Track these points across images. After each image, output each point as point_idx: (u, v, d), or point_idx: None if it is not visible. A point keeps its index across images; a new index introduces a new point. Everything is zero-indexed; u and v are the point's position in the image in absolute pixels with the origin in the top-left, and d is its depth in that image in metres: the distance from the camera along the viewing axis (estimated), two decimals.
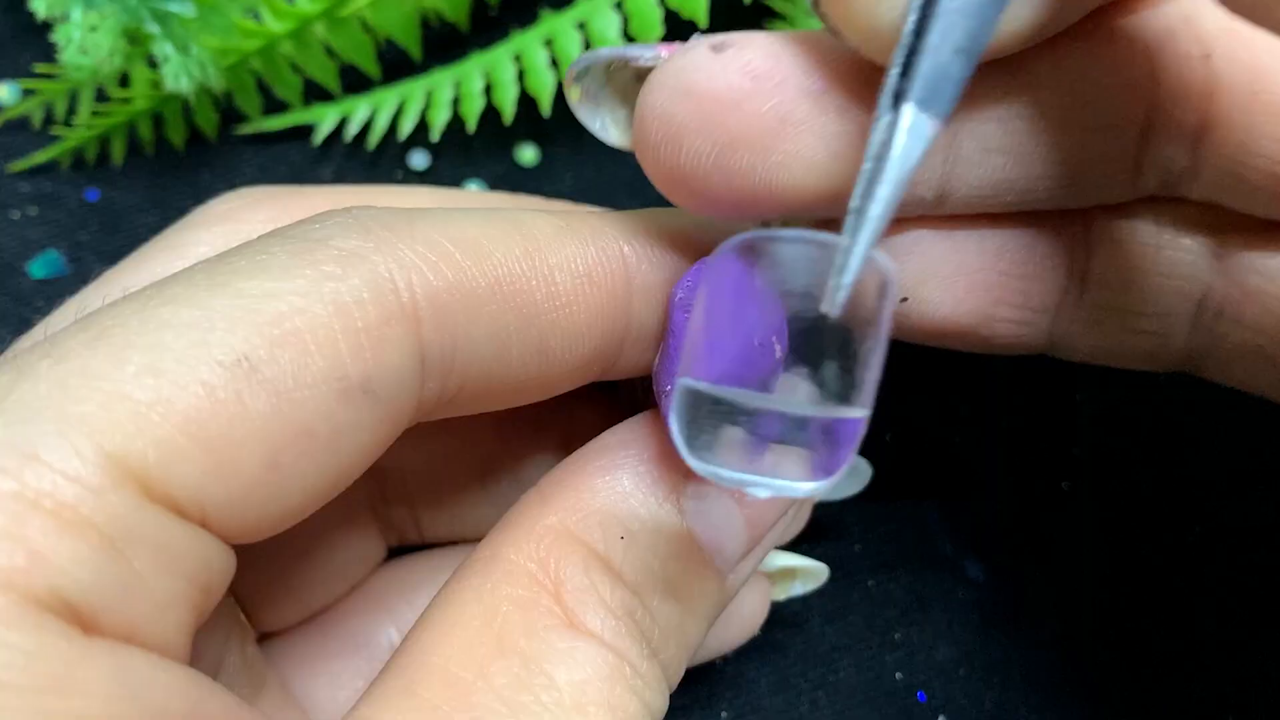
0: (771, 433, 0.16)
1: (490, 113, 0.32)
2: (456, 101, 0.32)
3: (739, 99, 0.18)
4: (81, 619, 0.15)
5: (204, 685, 0.17)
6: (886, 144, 0.16)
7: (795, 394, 0.18)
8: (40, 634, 0.15)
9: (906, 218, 0.21)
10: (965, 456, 0.31)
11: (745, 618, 0.26)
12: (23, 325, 0.31)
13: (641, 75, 0.20)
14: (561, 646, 0.19)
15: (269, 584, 0.24)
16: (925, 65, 0.16)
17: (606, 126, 0.21)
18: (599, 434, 0.22)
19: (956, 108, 0.17)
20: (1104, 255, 0.22)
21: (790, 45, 0.19)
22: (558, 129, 0.34)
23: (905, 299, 0.21)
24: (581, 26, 0.31)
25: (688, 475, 0.20)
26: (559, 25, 0.31)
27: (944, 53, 0.16)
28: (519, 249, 0.19)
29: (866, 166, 0.16)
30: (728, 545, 0.21)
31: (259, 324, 0.17)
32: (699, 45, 0.19)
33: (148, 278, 0.22)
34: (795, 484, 0.17)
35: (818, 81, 0.18)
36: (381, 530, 0.26)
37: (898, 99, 0.16)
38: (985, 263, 0.21)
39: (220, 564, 0.17)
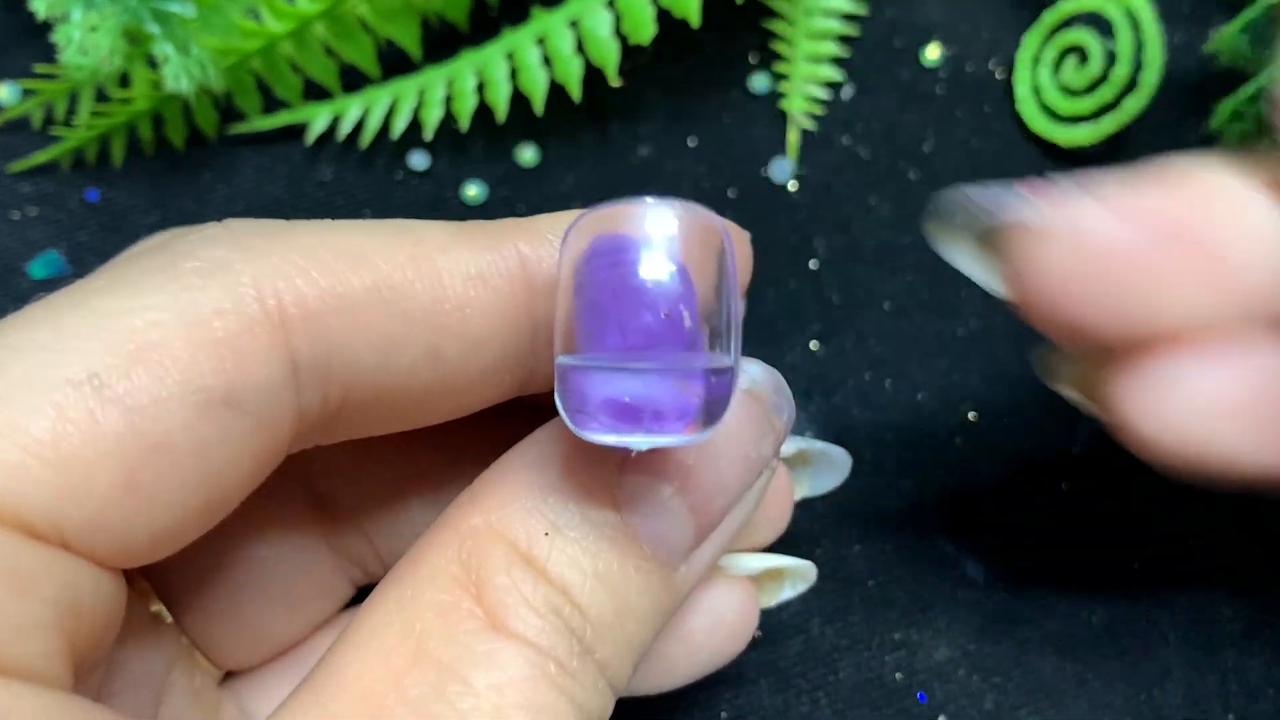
0: (655, 392, 0.17)
1: (491, 112, 0.32)
2: (450, 100, 0.32)
3: (1147, 253, 0.19)
4: None
5: (80, 708, 0.16)
6: None
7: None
8: None
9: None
10: (965, 457, 0.31)
11: (730, 624, 0.25)
12: None
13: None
14: (481, 650, 0.18)
15: (227, 622, 0.24)
16: None
17: (969, 266, 0.22)
18: None
19: None
20: None
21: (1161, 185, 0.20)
22: (557, 129, 0.34)
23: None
24: (574, 24, 0.31)
25: (623, 466, 0.19)
26: (551, 23, 0.31)
27: None
28: (403, 254, 0.19)
29: None
30: (671, 536, 0.20)
31: (110, 341, 0.16)
32: (1086, 203, 0.20)
33: None
34: (672, 437, 0.17)
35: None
36: (343, 567, 0.25)
37: None
38: None
39: (93, 587, 0.17)
